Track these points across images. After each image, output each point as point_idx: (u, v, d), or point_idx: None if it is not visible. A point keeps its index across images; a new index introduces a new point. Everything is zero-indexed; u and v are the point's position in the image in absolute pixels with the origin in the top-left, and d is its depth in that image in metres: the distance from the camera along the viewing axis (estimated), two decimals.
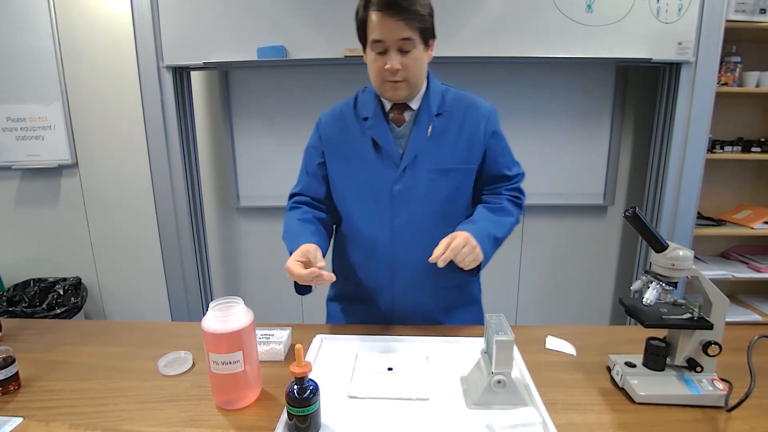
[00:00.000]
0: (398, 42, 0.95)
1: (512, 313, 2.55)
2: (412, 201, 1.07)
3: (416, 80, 1.02)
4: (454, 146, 1.07)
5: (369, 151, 1.07)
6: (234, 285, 2.56)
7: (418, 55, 0.99)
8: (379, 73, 1.00)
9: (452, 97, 1.10)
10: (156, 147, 2.07)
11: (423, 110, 1.06)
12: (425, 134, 1.05)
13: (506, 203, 1.11)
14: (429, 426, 0.78)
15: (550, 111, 2.22)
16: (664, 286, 0.83)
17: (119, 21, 2.16)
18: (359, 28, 1.02)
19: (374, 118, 1.07)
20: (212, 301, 0.83)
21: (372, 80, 1.04)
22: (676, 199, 2.05)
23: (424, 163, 1.06)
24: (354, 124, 1.10)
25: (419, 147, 1.05)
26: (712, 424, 0.78)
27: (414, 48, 0.97)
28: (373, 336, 1.08)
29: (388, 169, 1.07)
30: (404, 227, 1.08)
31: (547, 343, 1.05)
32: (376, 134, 1.07)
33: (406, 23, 0.93)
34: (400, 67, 0.97)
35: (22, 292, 2.38)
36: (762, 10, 1.91)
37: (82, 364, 1.00)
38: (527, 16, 1.87)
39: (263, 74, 2.22)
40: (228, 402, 0.84)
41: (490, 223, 1.06)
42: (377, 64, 0.99)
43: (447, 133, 1.07)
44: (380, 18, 0.94)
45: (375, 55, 0.99)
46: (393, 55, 0.96)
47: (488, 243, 1.02)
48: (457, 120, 1.07)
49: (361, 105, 1.11)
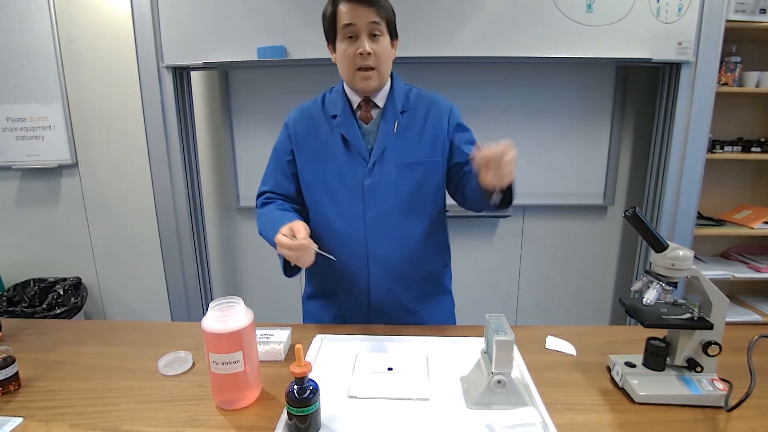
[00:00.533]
0: (368, 26, 1.01)
1: (512, 313, 2.55)
2: (382, 194, 1.10)
3: (384, 71, 1.07)
4: (419, 141, 1.11)
5: (339, 147, 1.11)
6: (234, 285, 2.56)
7: (386, 44, 1.05)
8: (350, 60, 1.03)
9: (415, 96, 1.15)
10: (156, 147, 2.07)
11: (389, 107, 1.11)
12: (392, 130, 1.10)
13: None
14: (429, 426, 0.78)
15: (550, 111, 2.22)
16: (664, 286, 0.83)
17: (119, 21, 2.17)
18: (329, 23, 1.06)
19: (343, 115, 1.11)
20: (212, 301, 0.83)
21: (343, 72, 1.08)
22: (676, 199, 2.05)
23: (392, 157, 1.10)
24: (323, 122, 1.13)
25: (387, 142, 1.10)
26: (712, 424, 0.78)
27: (382, 36, 1.03)
28: (373, 336, 1.08)
29: (357, 164, 1.10)
30: (376, 220, 1.11)
31: (547, 343, 1.05)
32: (345, 131, 1.10)
33: (374, 10, 1.00)
34: (371, 52, 1.01)
35: (22, 292, 2.38)
36: (762, 10, 1.91)
37: (82, 364, 1.00)
38: (527, 16, 1.87)
39: (263, 74, 2.22)
40: (228, 402, 0.84)
41: None
42: (348, 52, 1.03)
43: (412, 128, 1.12)
44: (350, 7, 1.00)
45: (346, 43, 1.03)
46: (364, 39, 1.01)
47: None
48: (420, 116, 1.13)
49: (329, 104, 1.15)
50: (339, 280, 1.16)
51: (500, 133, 2.37)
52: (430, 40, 1.90)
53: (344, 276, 1.15)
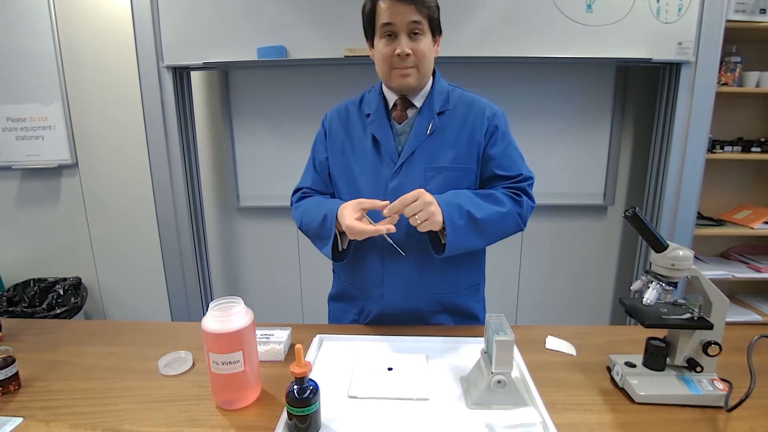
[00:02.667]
0: (408, 25, 0.97)
1: (512, 313, 2.55)
2: None
3: (425, 69, 1.02)
4: (453, 145, 1.06)
5: (369, 146, 1.08)
6: (234, 285, 2.56)
7: (427, 43, 1.00)
8: (387, 59, 1.00)
9: (457, 97, 1.09)
10: (156, 147, 2.07)
11: (426, 108, 1.07)
12: (425, 132, 1.05)
13: (498, 193, 1.04)
14: (429, 426, 0.78)
15: (550, 111, 2.22)
16: (664, 286, 0.83)
17: (119, 21, 2.16)
18: (367, 20, 1.02)
19: (376, 113, 1.08)
20: (212, 301, 0.83)
21: (380, 71, 1.05)
22: (676, 199, 2.05)
23: (421, 160, 1.05)
24: (357, 121, 1.12)
25: (417, 144, 1.05)
26: (712, 424, 0.78)
27: (423, 35, 0.99)
28: (373, 336, 1.08)
29: (385, 165, 1.07)
30: (397, 224, 1.04)
31: (547, 343, 1.05)
32: (375, 130, 1.07)
33: (416, 8, 0.96)
34: (410, 52, 0.98)
35: (22, 292, 2.38)
36: (762, 10, 1.91)
37: (82, 364, 1.00)
38: (527, 16, 1.87)
39: (263, 74, 2.22)
40: (228, 402, 0.84)
41: (467, 199, 0.99)
42: (386, 51, 0.99)
43: (447, 131, 1.06)
44: (390, 4, 0.96)
45: (384, 42, 0.99)
46: (403, 39, 0.97)
47: (457, 215, 0.95)
48: (458, 119, 1.07)
49: (366, 102, 1.13)
50: (356, 283, 1.16)
51: None
52: None
53: (361, 280, 1.15)
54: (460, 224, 0.95)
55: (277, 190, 2.36)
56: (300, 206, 1.15)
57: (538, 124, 2.23)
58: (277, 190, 2.35)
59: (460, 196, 1.00)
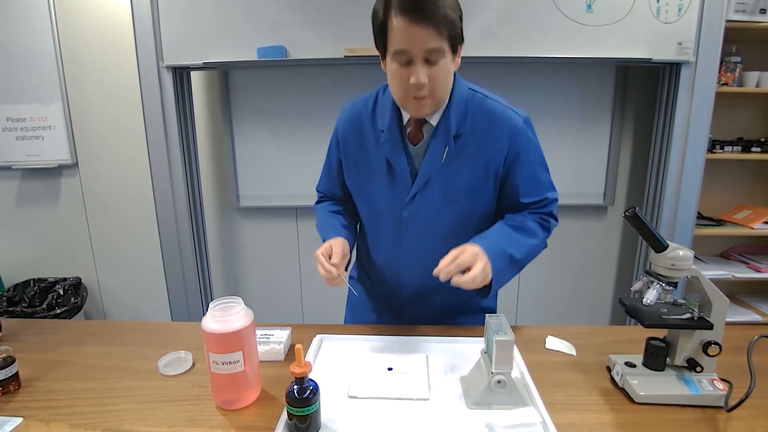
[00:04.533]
0: (425, 52, 0.84)
1: (512, 313, 2.55)
2: (420, 226, 1.04)
3: (442, 94, 0.92)
4: (469, 170, 0.98)
5: (382, 168, 1.02)
6: (234, 285, 2.56)
7: (446, 66, 0.88)
8: (402, 86, 0.89)
9: (476, 109, 0.98)
10: (156, 147, 2.07)
11: (441, 129, 0.96)
12: (440, 158, 0.97)
13: (530, 223, 1.01)
14: (429, 426, 0.78)
15: (550, 111, 2.22)
16: (664, 286, 0.83)
17: (119, 21, 2.16)
18: (378, 33, 0.89)
19: (389, 132, 0.99)
20: (212, 301, 0.82)
21: (393, 93, 0.94)
22: (676, 199, 2.05)
23: (435, 189, 1.00)
24: (370, 135, 1.03)
25: (431, 172, 0.98)
26: (712, 424, 0.78)
27: (442, 58, 0.86)
28: (373, 336, 1.08)
29: (398, 191, 1.02)
30: (411, 250, 1.06)
31: (547, 343, 1.05)
32: (389, 154, 1.00)
33: (434, 30, 0.82)
34: (427, 81, 0.86)
35: (22, 292, 2.38)
36: (762, 10, 1.90)
37: (82, 364, 1.00)
38: (527, 16, 1.87)
39: (263, 74, 2.22)
40: (228, 402, 0.84)
41: (507, 239, 0.96)
42: (400, 77, 0.88)
43: (462, 156, 0.98)
44: (405, 25, 0.81)
45: (397, 66, 0.87)
46: (419, 67, 0.85)
47: (502, 261, 0.93)
48: (476, 140, 0.97)
49: (380, 112, 1.01)
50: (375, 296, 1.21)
51: None
52: None
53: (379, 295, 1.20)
54: (503, 269, 0.94)
55: (277, 190, 2.36)
56: (317, 211, 1.20)
57: (538, 124, 2.17)
58: (277, 190, 2.36)
59: (501, 236, 0.97)
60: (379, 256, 1.13)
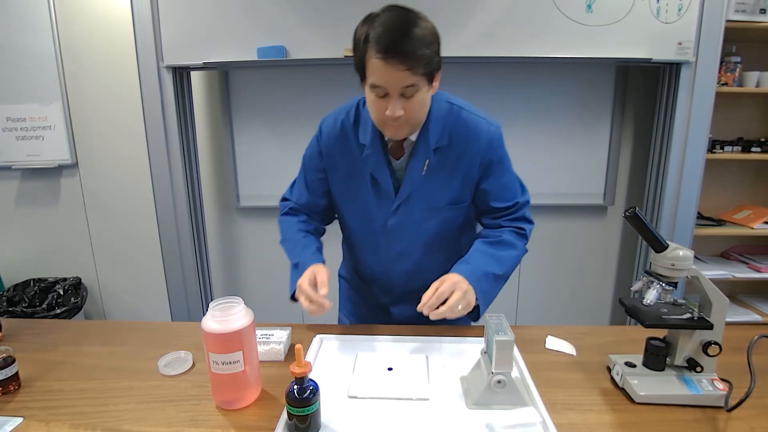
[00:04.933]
0: (401, 89, 0.87)
1: (512, 313, 2.55)
2: (405, 234, 1.09)
3: (419, 120, 0.96)
4: (448, 184, 1.04)
5: (366, 180, 1.06)
6: (234, 285, 2.56)
7: (422, 97, 0.91)
8: (378, 115, 0.93)
9: (453, 123, 1.01)
10: (156, 147, 2.07)
11: (421, 145, 1.00)
12: (421, 171, 1.02)
13: (506, 235, 1.06)
14: (429, 426, 0.78)
15: (550, 111, 2.22)
16: (664, 286, 0.83)
17: (119, 21, 2.16)
18: (358, 63, 0.91)
19: (371, 148, 1.02)
20: (212, 301, 0.82)
21: (371, 116, 0.97)
22: (676, 199, 2.05)
23: (418, 200, 1.05)
24: (354, 146, 1.05)
25: (414, 185, 1.03)
26: (712, 424, 0.78)
27: (418, 92, 0.89)
28: (373, 336, 1.08)
29: (383, 202, 1.06)
30: (398, 256, 1.12)
31: (547, 343, 1.05)
32: (373, 169, 1.04)
33: (410, 71, 0.84)
34: (402, 113, 0.89)
35: (22, 292, 2.38)
36: (762, 10, 1.91)
37: (82, 364, 1.00)
38: (527, 17, 1.87)
39: (263, 74, 2.22)
40: (228, 402, 0.84)
41: (487, 259, 1.01)
42: (377, 107, 0.91)
43: (443, 168, 1.02)
44: (381, 64, 0.84)
45: (374, 96, 0.90)
46: (395, 101, 0.88)
47: (485, 282, 0.97)
48: (454, 153, 1.02)
49: (362, 127, 1.04)
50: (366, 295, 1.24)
51: None
52: None
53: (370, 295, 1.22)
54: (488, 290, 0.99)
55: (277, 190, 2.33)
56: (284, 223, 1.18)
57: (538, 124, 2.23)
58: (277, 190, 2.32)
59: (481, 257, 1.02)
60: (368, 259, 1.17)
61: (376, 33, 0.84)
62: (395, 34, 0.83)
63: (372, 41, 0.85)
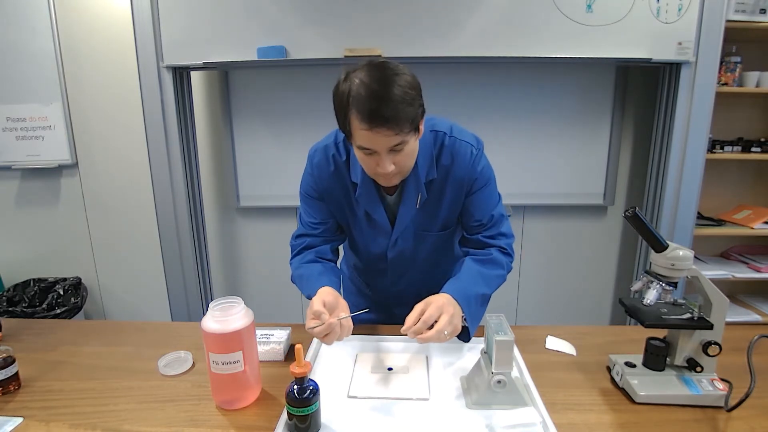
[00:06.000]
0: (389, 148, 0.85)
1: (512, 313, 2.55)
2: (403, 261, 1.13)
3: (409, 167, 0.96)
4: (440, 211, 1.06)
5: (362, 216, 1.07)
6: (234, 285, 2.56)
7: (411, 148, 0.90)
8: (369, 168, 0.92)
9: (438, 151, 1.01)
10: (156, 147, 2.07)
11: (411, 181, 1.00)
12: (414, 205, 1.03)
13: (495, 253, 1.06)
14: (429, 426, 0.78)
15: (550, 111, 2.22)
16: (664, 286, 0.83)
17: (119, 21, 2.16)
18: (341, 123, 0.88)
19: (363, 187, 1.01)
20: (212, 301, 0.83)
21: (362, 166, 0.95)
22: (676, 199, 2.05)
23: (412, 229, 1.08)
24: (348, 183, 1.04)
25: (408, 219, 1.05)
26: (712, 424, 0.78)
27: (407, 145, 0.87)
28: (373, 336, 1.08)
29: (380, 236, 1.09)
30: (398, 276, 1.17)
31: (547, 343, 1.05)
32: (366, 205, 1.04)
33: (397, 134, 0.83)
34: (394, 167, 0.88)
35: (22, 292, 2.38)
36: (762, 10, 1.90)
37: (82, 364, 1.00)
38: (527, 16, 1.87)
39: (263, 74, 2.22)
40: (228, 402, 0.84)
41: (479, 278, 1.00)
42: (367, 163, 0.91)
43: (434, 198, 1.04)
44: (365, 130, 0.83)
45: (363, 154, 0.88)
46: (385, 157, 0.86)
47: (475, 304, 0.96)
48: (442, 181, 1.02)
49: (353, 164, 1.02)
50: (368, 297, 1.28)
51: (500, 133, 2.36)
52: (430, 40, 1.90)
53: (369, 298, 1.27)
54: (476, 311, 0.97)
55: (277, 190, 2.36)
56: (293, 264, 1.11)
57: (538, 125, 2.23)
58: (277, 190, 2.35)
59: (472, 277, 1.00)
60: (367, 278, 1.25)
61: (358, 99, 0.81)
62: (376, 101, 0.80)
63: (354, 108, 0.82)
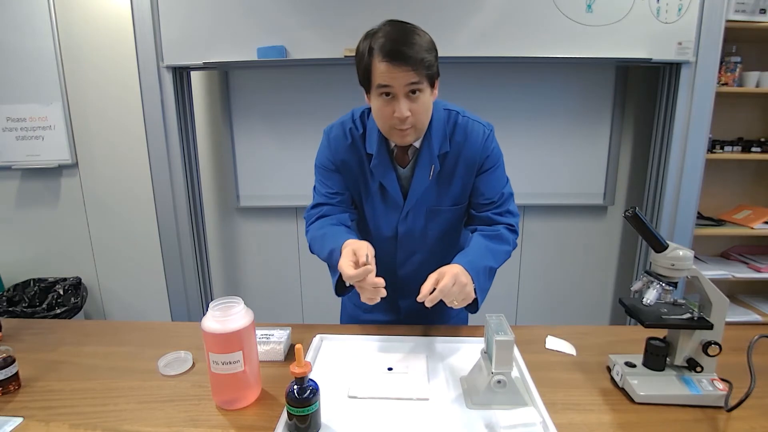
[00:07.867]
0: (406, 87, 0.93)
1: (512, 313, 2.55)
2: (412, 239, 1.13)
3: (424, 124, 1.01)
4: (450, 185, 1.09)
5: (375, 190, 1.11)
6: (234, 285, 2.56)
7: (426, 99, 0.97)
8: (386, 119, 0.97)
9: (452, 128, 1.07)
10: (156, 147, 2.07)
11: (425, 152, 1.05)
12: (427, 177, 1.06)
13: (503, 230, 1.09)
14: (429, 426, 0.78)
15: (550, 111, 2.22)
16: (664, 286, 0.83)
17: (119, 21, 2.16)
18: (363, 75, 0.97)
19: (378, 157, 1.06)
20: (212, 301, 0.83)
21: (378, 125, 1.02)
22: (676, 199, 2.05)
23: (424, 204, 1.10)
24: (363, 156, 1.09)
25: (421, 191, 1.08)
26: (712, 424, 0.78)
27: (422, 93, 0.95)
28: (373, 336, 1.08)
29: (391, 209, 1.11)
30: (406, 256, 1.16)
31: (547, 343, 1.05)
32: (381, 178, 1.08)
33: (413, 71, 0.91)
34: (410, 114, 0.95)
35: (22, 292, 2.38)
36: (762, 10, 1.90)
37: (82, 364, 1.00)
38: (527, 16, 1.87)
39: (263, 74, 2.22)
40: (228, 402, 0.84)
41: (487, 253, 1.04)
42: (385, 111, 0.96)
43: (446, 173, 1.08)
44: (386, 67, 0.91)
45: (382, 100, 0.96)
46: (402, 101, 0.93)
47: (483, 276, 0.99)
48: (455, 157, 1.07)
49: (369, 135, 1.08)
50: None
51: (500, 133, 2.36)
52: None
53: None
54: (486, 282, 1.00)
55: (277, 190, 2.36)
56: (310, 231, 1.14)
57: (538, 124, 2.23)
58: (277, 190, 2.35)
59: (482, 252, 1.03)
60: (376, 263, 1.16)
61: (380, 43, 0.91)
62: (398, 42, 0.90)
63: (376, 50, 0.91)
